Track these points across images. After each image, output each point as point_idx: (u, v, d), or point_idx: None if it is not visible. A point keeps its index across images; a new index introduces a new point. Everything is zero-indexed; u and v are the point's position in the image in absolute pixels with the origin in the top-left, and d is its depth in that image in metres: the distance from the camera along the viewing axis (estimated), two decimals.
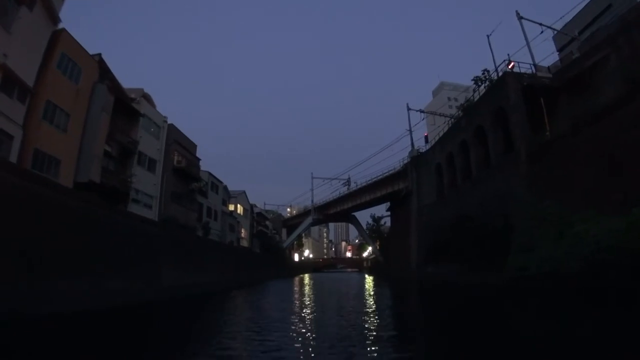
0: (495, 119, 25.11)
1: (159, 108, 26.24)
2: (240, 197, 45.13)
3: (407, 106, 45.15)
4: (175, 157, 25.36)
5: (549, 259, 16.53)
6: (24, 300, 9.83)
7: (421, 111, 45.69)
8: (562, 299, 14.18)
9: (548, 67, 28.44)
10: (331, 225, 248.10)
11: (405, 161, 43.28)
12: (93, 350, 7.69)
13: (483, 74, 27.65)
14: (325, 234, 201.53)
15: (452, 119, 32.71)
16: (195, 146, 29.70)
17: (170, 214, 23.75)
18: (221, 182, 36.61)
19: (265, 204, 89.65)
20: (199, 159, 29.66)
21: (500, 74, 25.97)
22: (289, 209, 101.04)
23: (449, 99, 78.06)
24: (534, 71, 26.42)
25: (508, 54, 27.72)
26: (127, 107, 23.21)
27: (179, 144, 26.49)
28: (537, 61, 27.73)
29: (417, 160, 40.03)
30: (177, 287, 17.62)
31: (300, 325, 10.92)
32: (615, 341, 7.40)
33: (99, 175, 19.20)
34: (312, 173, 77.79)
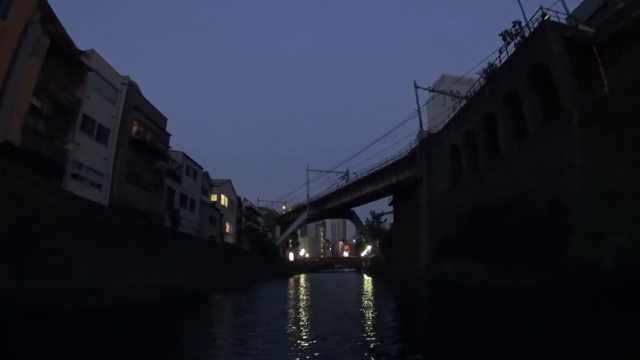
0: (531, 79, 20.68)
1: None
2: (225, 186, 40.24)
3: (415, 84, 40.64)
4: (135, 127, 20.56)
5: (634, 246, 12.15)
6: None
7: (430, 90, 41.23)
8: None
9: (587, 20, 24.10)
10: (328, 224, 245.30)
11: (413, 145, 38.72)
12: None
13: (514, 26, 23.14)
14: (322, 233, 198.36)
15: (472, 91, 28.22)
16: (165, 120, 24.90)
17: (126, 197, 18.98)
18: (201, 167, 31.78)
19: (258, 200, 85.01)
20: (168, 134, 24.85)
21: (536, 25, 21.56)
22: (284, 207, 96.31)
23: (451, 91, 75.91)
24: (574, 24, 22.14)
25: (541, 6, 23.33)
26: (72, 59, 18.53)
27: (141, 112, 21.71)
28: None
29: (427, 143, 35.48)
30: (109, 290, 12.70)
31: None
32: None
33: (19, 136, 14.54)
34: (307, 165, 73.55)
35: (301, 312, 13.18)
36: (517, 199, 19.35)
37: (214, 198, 36.65)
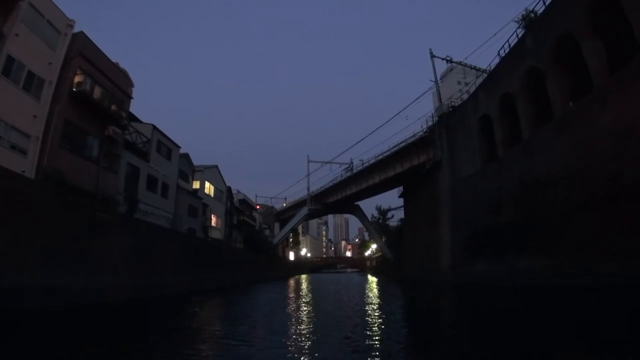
0: (595, 17, 16.30)
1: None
2: (210, 172, 35.73)
3: (431, 52, 36.25)
4: (79, 79, 16.28)
5: None
6: None
7: (449, 60, 36.79)
8: None
9: None
10: (330, 224, 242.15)
11: (430, 124, 34.29)
12: None
13: None
14: (324, 232, 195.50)
15: (507, 47, 23.73)
16: (126, 79, 20.52)
17: (60, 167, 14.73)
18: (178, 146, 27.37)
19: (256, 196, 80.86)
20: (129, 97, 20.52)
21: None
22: (285, 204, 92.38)
23: (458, 82, 72.27)
24: None
25: None
26: None
27: (91, 64, 17.45)
28: None
29: (448, 118, 31.06)
30: None
31: None
32: None
33: None
34: (307, 156, 69.04)
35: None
36: (587, 171, 15.00)
37: (196, 185, 32.39)
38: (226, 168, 41.08)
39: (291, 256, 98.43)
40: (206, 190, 34.06)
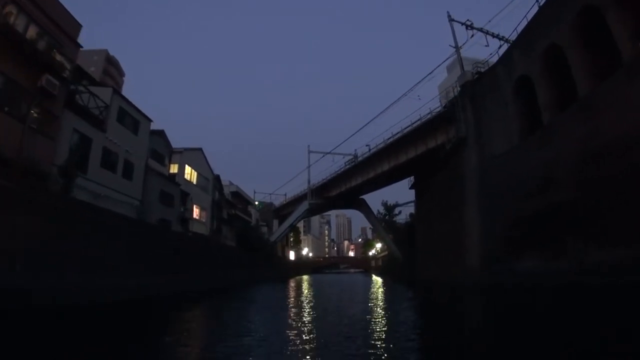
0: None
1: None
2: (191, 154, 31.46)
3: (449, 15, 32.28)
4: (7, 9, 12.39)
5: None
6: None
7: (469, 26, 32.71)
8: None
9: None
10: (333, 223, 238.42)
11: (450, 98, 30.29)
12: None
13: None
14: (326, 232, 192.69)
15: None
16: (74, 24, 16.55)
17: None
18: (149, 119, 23.33)
19: (255, 192, 77.12)
20: (78, 45, 16.63)
21: None
22: (284, 201, 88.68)
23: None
24: None
25: None
26: None
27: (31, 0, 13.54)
28: None
29: (473, 87, 27.03)
30: None
31: None
32: None
33: None
34: (308, 146, 65.08)
35: None
36: None
37: (173, 169, 28.47)
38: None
39: (291, 256, 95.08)
40: (187, 176, 30.08)
